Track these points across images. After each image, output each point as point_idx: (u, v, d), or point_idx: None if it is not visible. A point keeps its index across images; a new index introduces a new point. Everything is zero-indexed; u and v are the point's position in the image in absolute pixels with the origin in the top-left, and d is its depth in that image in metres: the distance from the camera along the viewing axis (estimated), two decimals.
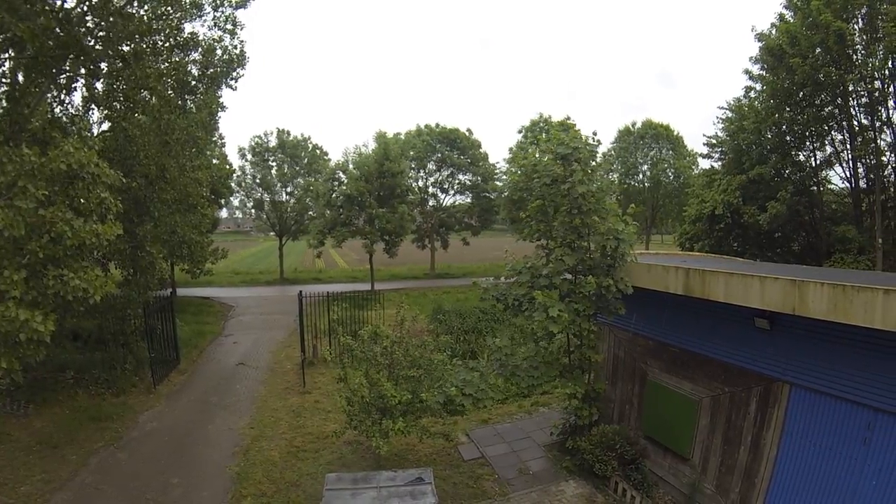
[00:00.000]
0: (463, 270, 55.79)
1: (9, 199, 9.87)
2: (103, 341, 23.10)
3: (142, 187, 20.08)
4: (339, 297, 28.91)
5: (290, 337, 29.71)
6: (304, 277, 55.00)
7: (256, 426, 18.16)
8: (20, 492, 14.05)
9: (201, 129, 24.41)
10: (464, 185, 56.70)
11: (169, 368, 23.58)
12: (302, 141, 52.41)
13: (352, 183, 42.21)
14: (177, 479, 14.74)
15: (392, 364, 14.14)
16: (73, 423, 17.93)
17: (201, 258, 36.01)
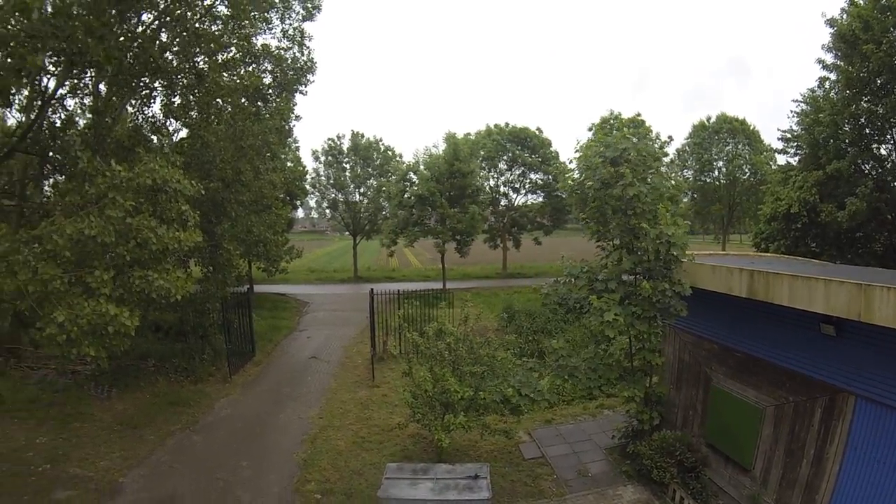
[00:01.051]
0: (535, 270, 55.39)
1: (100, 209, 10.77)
2: (183, 333, 24.51)
3: (219, 190, 21.08)
4: (410, 296, 29.47)
5: (362, 333, 30.38)
6: (377, 276, 56.06)
7: (325, 416, 18.84)
8: (99, 466, 15.30)
9: (274, 135, 25.40)
10: (535, 184, 56.07)
11: (245, 360, 24.69)
12: (374, 143, 53.28)
13: (423, 183, 42.67)
14: (246, 463, 15.58)
15: (456, 360, 14.40)
16: (152, 407, 19.22)
17: (277, 256, 37.30)
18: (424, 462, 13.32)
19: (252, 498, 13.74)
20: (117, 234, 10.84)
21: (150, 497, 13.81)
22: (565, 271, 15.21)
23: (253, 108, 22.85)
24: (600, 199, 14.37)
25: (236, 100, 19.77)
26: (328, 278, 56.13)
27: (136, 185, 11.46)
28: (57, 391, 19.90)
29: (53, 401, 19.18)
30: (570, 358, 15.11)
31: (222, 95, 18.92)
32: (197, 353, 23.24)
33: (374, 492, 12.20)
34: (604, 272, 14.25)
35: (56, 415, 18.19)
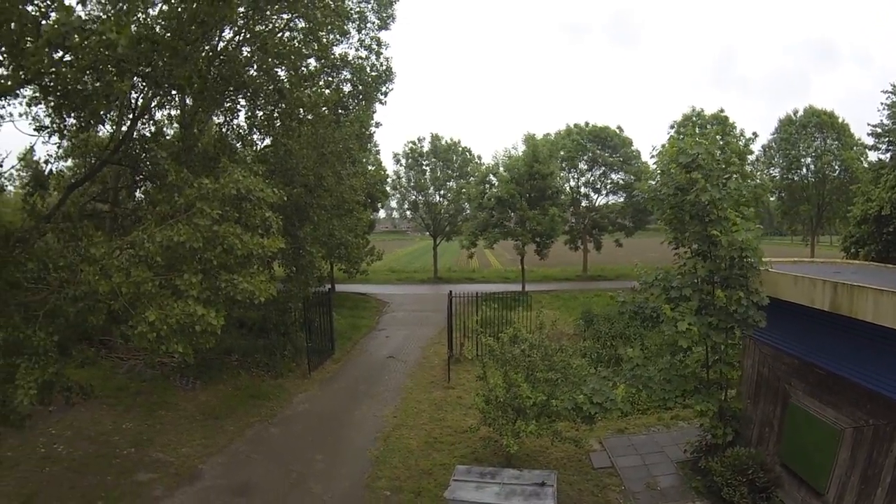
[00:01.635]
0: (616, 273, 54.25)
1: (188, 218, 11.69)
2: (266, 330, 25.71)
3: (302, 195, 21.97)
4: (489, 298, 29.65)
5: (440, 334, 30.51)
6: (457, 277, 56.50)
7: (399, 415, 19.33)
8: (180, 452, 16.53)
9: (355, 141, 26.16)
10: (616, 184, 55.01)
11: (324, 357, 25.65)
12: (453, 145, 53.84)
13: (502, 185, 42.80)
14: (321, 456, 16.33)
15: (530, 366, 14.45)
16: (234, 399, 20.40)
17: (358, 258, 38.24)
18: (494, 466, 13.43)
19: (323, 490, 14.44)
20: (205, 240, 11.58)
21: (227, 484, 14.79)
22: (640, 279, 14.95)
23: (333, 116, 23.63)
24: (677, 206, 14.08)
25: (318, 110, 20.51)
26: (408, 279, 57.03)
27: (222, 195, 12.28)
28: (144, 381, 21.50)
29: (140, 390, 20.74)
30: (645, 367, 14.75)
31: (304, 108, 19.67)
32: (278, 350, 24.47)
33: (441, 492, 12.49)
34: (678, 279, 13.94)
35: (142, 403, 19.68)
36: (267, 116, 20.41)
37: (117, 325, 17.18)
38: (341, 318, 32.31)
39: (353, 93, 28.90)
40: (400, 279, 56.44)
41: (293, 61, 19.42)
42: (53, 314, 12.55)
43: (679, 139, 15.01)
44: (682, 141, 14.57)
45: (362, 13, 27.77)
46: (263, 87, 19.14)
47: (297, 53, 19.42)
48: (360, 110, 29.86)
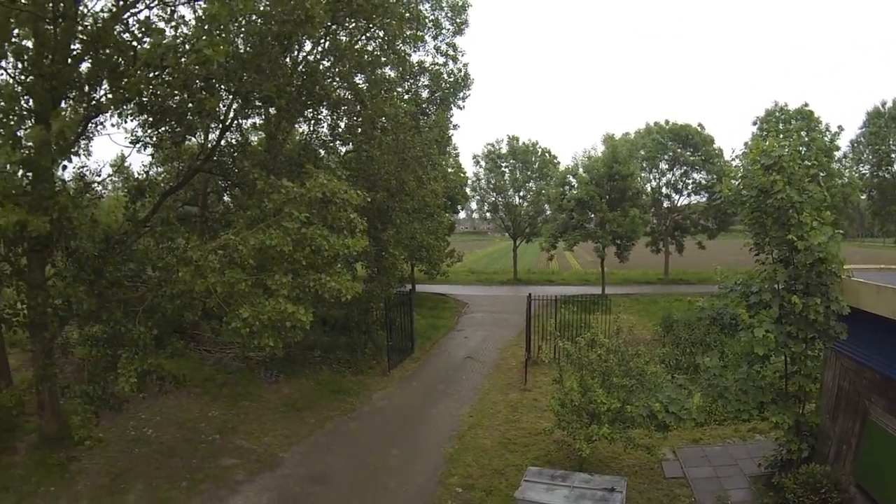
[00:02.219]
0: (698, 276, 52.45)
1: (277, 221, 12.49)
2: (348, 328, 26.55)
3: (384, 199, 22.56)
4: (567, 301, 29.45)
5: (518, 336, 30.50)
6: (537, 279, 56.27)
7: (475, 415, 19.56)
8: (263, 441, 17.40)
9: (434, 146, 26.57)
10: (698, 184, 52.95)
11: (403, 356, 26.21)
12: (531, 146, 53.76)
13: (582, 187, 42.46)
14: (396, 451, 16.81)
15: (606, 371, 14.41)
16: (315, 393, 21.24)
17: (438, 260, 38.68)
18: (565, 469, 13.41)
19: (397, 484, 14.90)
20: (294, 242, 12.30)
21: (306, 472, 15.53)
22: (720, 283, 14.51)
23: (413, 123, 24.14)
24: (758, 208, 13.57)
25: (398, 119, 21.03)
26: (488, 280, 57.26)
27: (308, 198, 13.01)
28: (230, 373, 22.65)
29: (227, 381, 21.88)
30: (722, 377, 14.25)
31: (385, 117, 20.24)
32: (359, 347, 25.25)
33: (512, 492, 12.59)
34: (758, 284, 13.46)
35: (228, 393, 20.74)
36: (349, 126, 21.08)
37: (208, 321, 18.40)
38: (421, 318, 32.80)
39: (432, 99, 29.36)
40: (479, 280, 56.73)
41: (372, 71, 20.01)
42: (152, 310, 13.56)
43: (762, 137, 14.51)
44: (765, 140, 14.11)
45: (437, 20, 28.24)
46: (344, 98, 19.82)
47: (376, 62, 19.99)
48: (438, 116, 30.34)
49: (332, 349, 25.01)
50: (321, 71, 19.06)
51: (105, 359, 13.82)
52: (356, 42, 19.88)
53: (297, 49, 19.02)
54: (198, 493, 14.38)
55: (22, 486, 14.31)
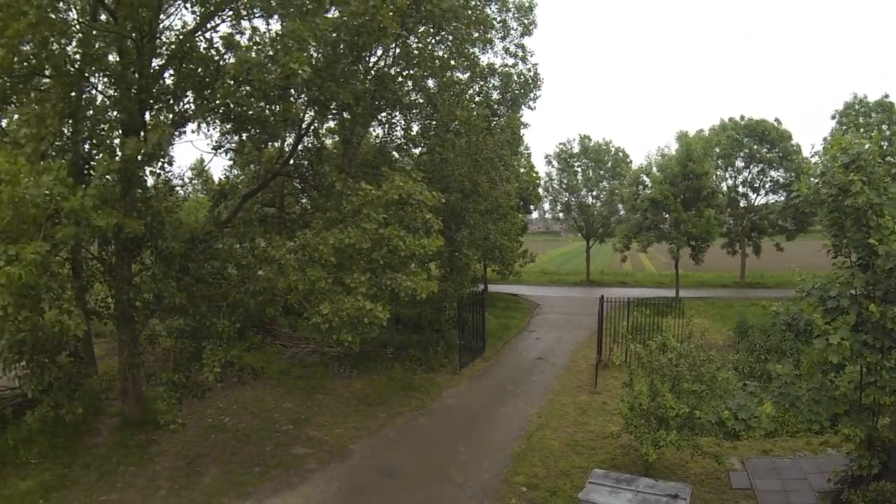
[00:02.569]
0: (775, 280, 50.08)
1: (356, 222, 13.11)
2: (420, 326, 27.03)
3: (458, 200, 22.93)
4: (640, 303, 29.06)
5: (590, 338, 30.24)
6: (610, 280, 55.57)
7: (544, 416, 19.47)
8: (334, 433, 18.05)
9: (506, 147, 26.73)
10: (776, 182, 50.29)
11: (474, 355, 26.45)
12: (604, 145, 53.08)
13: (656, 186, 41.74)
14: (464, 448, 17.06)
15: (676, 376, 14.19)
16: (386, 389, 21.80)
17: (511, 260, 38.74)
18: (631, 474, 13.28)
19: (464, 480, 15.16)
20: (372, 242, 12.89)
21: (375, 464, 16.04)
22: (797, 287, 13.94)
23: (485, 124, 24.36)
24: (836, 209, 13.08)
25: (470, 121, 21.35)
26: (560, 281, 56.92)
27: (385, 200, 13.58)
28: (305, 367, 23.67)
29: (301, 374, 22.87)
30: (795, 385, 13.65)
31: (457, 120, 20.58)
32: (431, 346, 25.69)
33: (576, 494, 12.57)
34: (835, 289, 12.89)
35: (302, 386, 21.63)
36: (422, 128, 21.51)
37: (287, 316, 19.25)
38: (493, 318, 33.01)
39: (502, 100, 29.51)
40: (552, 281, 56.43)
41: (442, 74, 20.38)
42: (235, 305, 14.32)
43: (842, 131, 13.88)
44: (844, 135, 13.51)
45: (504, 22, 28.31)
46: (416, 101, 20.27)
47: (445, 66, 20.34)
48: (509, 117, 30.46)
49: (405, 347, 25.59)
50: (392, 76, 19.56)
51: (189, 350, 14.74)
52: (426, 47, 20.26)
53: (368, 55, 19.57)
54: (270, 478, 15.11)
55: (103, 465, 15.41)
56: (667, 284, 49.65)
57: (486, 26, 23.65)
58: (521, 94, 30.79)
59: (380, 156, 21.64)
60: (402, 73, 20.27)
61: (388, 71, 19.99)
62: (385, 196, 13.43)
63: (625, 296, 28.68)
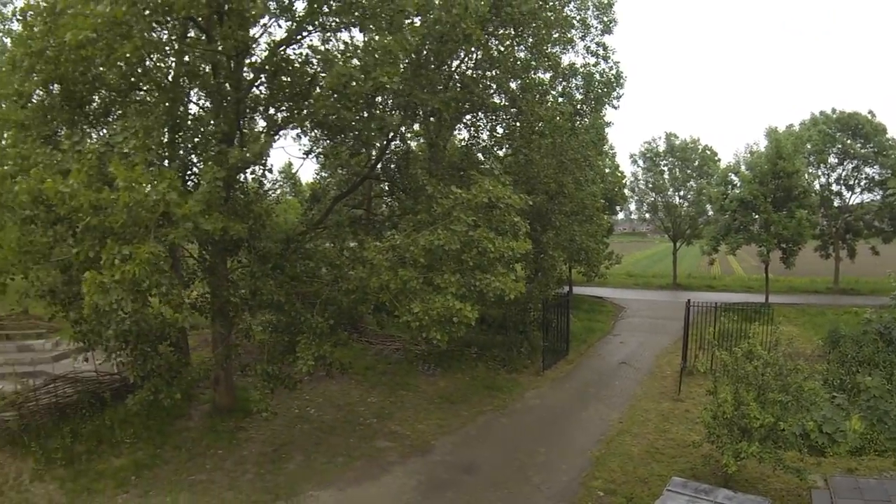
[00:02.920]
0: (871, 286, 46.83)
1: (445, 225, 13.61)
2: (504, 327, 27.42)
3: (544, 202, 23.11)
4: (728, 309, 28.28)
5: (675, 344, 29.97)
6: (697, 284, 54.17)
7: (625, 422, 19.56)
8: (416, 428, 18.76)
9: (591, 147, 26.63)
10: (872, 180, 46.82)
11: (558, 357, 26.59)
12: (691, 143, 51.79)
13: (745, 186, 40.00)
14: (543, 449, 17.27)
15: (762, 385, 13.87)
16: (469, 388, 22.33)
17: (596, 262, 38.40)
18: (710, 484, 13.04)
19: (541, 481, 15.39)
20: (461, 244, 13.34)
21: (455, 461, 16.52)
22: (891, 294, 13.37)
23: (569, 124, 24.37)
24: None
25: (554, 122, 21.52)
26: (646, 284, 56.06)
27: (475, 203, 14.04)
28: (390, 363, 24.53)
29: (386, 370, 23.72)
30: (883, 399, 13.02)
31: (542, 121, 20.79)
32: (515, 347, 25.99)
33: (653, 501, 12.53)
34: None
35: (386, 382, 22.44)
36: (508, 130, 21.80)
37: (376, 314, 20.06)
38: (577, 321, 33.03)
39: (585, 100, 29.37)
40: (637, 284, 55.64)
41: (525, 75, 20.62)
42: (328, 303, 15.17)
43: None
44: None
45: (584, 20, 28.04)
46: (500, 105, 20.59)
47: (527, 67, 20.56)
48: (593, 117, 30.26)
49: (489, 347, 25.97)
50: (475, 79, 19.90)
51: (282, 343, 15.57)
52: (508, 49, 20.48)
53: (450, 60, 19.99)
54: (352, 469, 15.84)
55: (193, 447, 16.65)
56: (756, 289, 47.91)
57: (566, 26, 23.62)
58: (604, 94, 30.39)
59: (466, 158, 22.02)
60: (484, 75, 20.57)
61: (471, 74, 20.33)
62: (475, 199, 13.89)
63: (712, 300, 27.88)
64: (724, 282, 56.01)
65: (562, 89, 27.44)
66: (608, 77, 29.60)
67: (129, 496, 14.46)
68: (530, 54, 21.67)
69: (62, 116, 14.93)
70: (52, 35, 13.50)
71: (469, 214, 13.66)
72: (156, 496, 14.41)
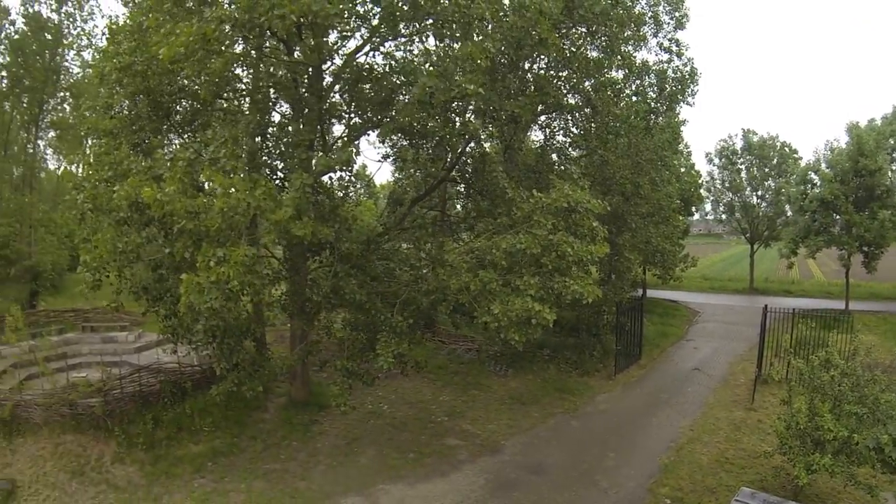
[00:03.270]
0: None
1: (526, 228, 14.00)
2: (577, 330, 27.60)
3: (619, 203, 23.13)
4: (805, 315, 27.51)
5: (750, 351, 29.43)
6: (774, 288, 52.50)
7: (696, 429, 19.48)
8: (487, 428, 19.25)
9: (667, 147, 26.40)
10: None
11: (630, 361, 26.62)
12: (769, 140, 49.89)
13: (825, 185, 38.24)
14: (612, 454, 17.50)
15: (837, 396, 13.59)
16: (540, 390, 22.72)
17: (672, 265, 37.84)
18: (779, 497, 12.94)
19: (609, 485, 15.62)
20: (542, 247, 13.61)
21: (524, 461, 16.95)
22: None
23: (643, 123, 24.27)
24: None
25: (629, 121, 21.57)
26: (721, 287, 54.55)
27: (555, 207, 14.30)
28: (462, 363, 25.05)
29: (458, 370, 24.24)
30: None
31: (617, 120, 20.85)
32: (587, 349, 26.22)
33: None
34: None
35: (458, 381, 22.98)
36: (583, 131, 21.93)
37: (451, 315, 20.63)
38: (651, 325, 32.89)
39: (659, 98, 29.04)
40: (713, 288, 54.00)
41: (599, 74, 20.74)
42: (407, 303, 15.85)
43: None
44: None
45: (656, 16, 27.60)
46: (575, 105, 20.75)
47: (601, 65, 20.66)
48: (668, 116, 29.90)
49: (561, 349, 26.25)
50: (549, 79, 20.08)
51: (361, 341, 16.21)
52: (581, 49, 20.56)
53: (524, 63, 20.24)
54: (423, 465, 16.43)
55: (268, 438, 17.59)
56: (836, 295, 45.99)
57: (639, 23, 23.45)
58: (678, 91, 29.92)
59: (541, 160, 22.20)
60: (557, 75, 20.69)
61: (545, 75, 20.49)
62: (554, 203, 14.17)
63: (789, 306, 27.18)
64: (803, 286, 53.96)
65: (635, 88, 27.27)
66: (682, 74, 29.18)
67: (206, 481, 15.47)
68: (603, 53, 21.67)
69: (150, 125, 16.06)
70: (140, 51, 14.63)
71: (549, 219, 13.96)
72: (231, 482, 15.37)
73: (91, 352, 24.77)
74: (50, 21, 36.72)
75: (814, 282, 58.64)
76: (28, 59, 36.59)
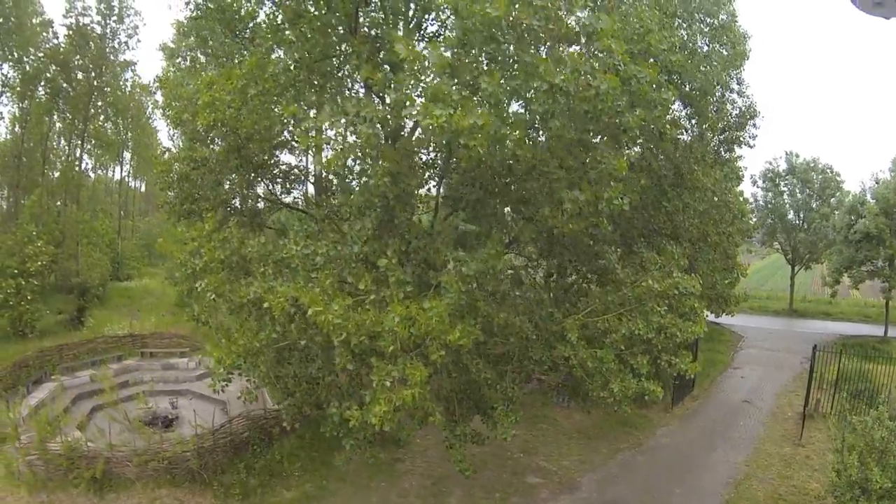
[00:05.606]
0: None
1: (641, 313, 14.97)
2: None
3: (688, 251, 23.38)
4: (846, 343, 28.60)
5: (794, 381, 31.20)
6: (813, 310, 54.04)
7: (750, 465, 20.80)
8: (561, 464, 20.38)
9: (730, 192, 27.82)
10: None
11: (684, 393, 27.98)
12: (811, 162, 51.90)
13: (871, 218, 39.52)
14: (679, 490, 18.99)
15: (884, 450, 14.44)
16: (604, 423, 23.84)
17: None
18: None
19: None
20: (654, 331, 14.73)
21: (600, 498, 18.31)
22: None
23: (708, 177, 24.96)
24: None
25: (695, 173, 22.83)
26: (761, 308, 55.29)
27: (666, 294, 15.29)
28: (525, 393, 24.95)
29: (524, 402, 23.64)
30: None
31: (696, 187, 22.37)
32: None
33: None
34: None
35: (525, 414, 22.89)
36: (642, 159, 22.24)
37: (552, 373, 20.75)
38: (699, 352, 33.07)
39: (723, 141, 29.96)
40: (752, 308, 54.16)
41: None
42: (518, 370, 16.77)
43: None
44: None
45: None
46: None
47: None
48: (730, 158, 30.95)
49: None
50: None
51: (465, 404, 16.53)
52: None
53: None
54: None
55: (356, 479, 18.25)
56: (874, 318, 47.65)
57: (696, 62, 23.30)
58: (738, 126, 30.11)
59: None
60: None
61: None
62: (667, 291, 15.10)
63: (829, 332, 28.36)
64: (841, 308, 55.38)
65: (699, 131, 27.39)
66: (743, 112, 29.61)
67: None
68: None
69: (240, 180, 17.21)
70: None
71: (662, 304, 14.92)
72: None
73: (153, 379, 25.46)
74: (94, 32, 38.16)
75: (850, 301, 59.43)
76: (71, 71, 38.10)
